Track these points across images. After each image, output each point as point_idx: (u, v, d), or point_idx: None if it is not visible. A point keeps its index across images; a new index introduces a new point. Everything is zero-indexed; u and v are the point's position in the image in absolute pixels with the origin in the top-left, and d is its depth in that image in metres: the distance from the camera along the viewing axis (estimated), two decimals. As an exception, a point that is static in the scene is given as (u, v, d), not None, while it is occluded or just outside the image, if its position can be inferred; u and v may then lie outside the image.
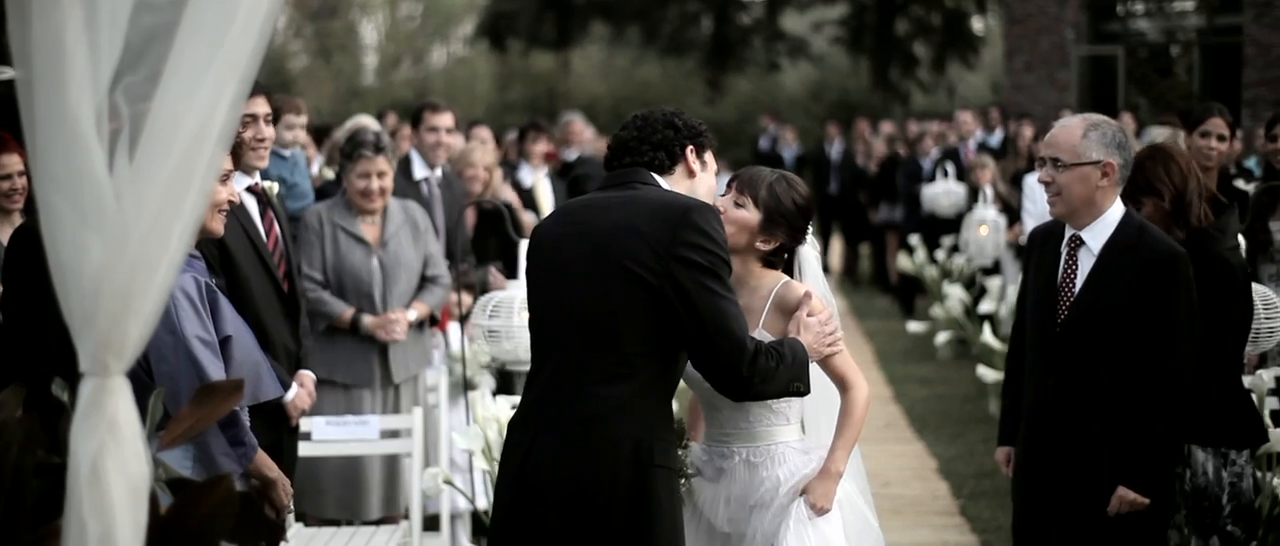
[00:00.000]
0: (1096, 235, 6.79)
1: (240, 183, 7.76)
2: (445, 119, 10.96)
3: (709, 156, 5.76)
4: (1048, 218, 7.14)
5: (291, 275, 7.94)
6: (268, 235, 7.87)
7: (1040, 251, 7.03)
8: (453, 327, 10.03)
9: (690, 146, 5.70)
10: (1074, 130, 6.73)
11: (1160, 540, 7.33)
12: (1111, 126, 6.74)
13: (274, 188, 8.08)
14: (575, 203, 5.66)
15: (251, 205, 7.82)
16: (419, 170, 10.86)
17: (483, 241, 11.58)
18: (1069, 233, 6.85)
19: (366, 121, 11.24)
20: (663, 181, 5.62)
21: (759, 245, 5.99)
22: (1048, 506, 6.91)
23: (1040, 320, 6.86)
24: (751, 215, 5.97)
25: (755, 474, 5.93)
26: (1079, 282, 6.80)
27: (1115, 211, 6.76)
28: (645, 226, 5.26)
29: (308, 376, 7.86)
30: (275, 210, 7.97)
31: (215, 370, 5.52)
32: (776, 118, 30.29)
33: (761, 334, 5.81)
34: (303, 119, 11.16)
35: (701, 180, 5.73)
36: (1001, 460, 7.24)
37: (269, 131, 7.89)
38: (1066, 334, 6.77)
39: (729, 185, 6.12)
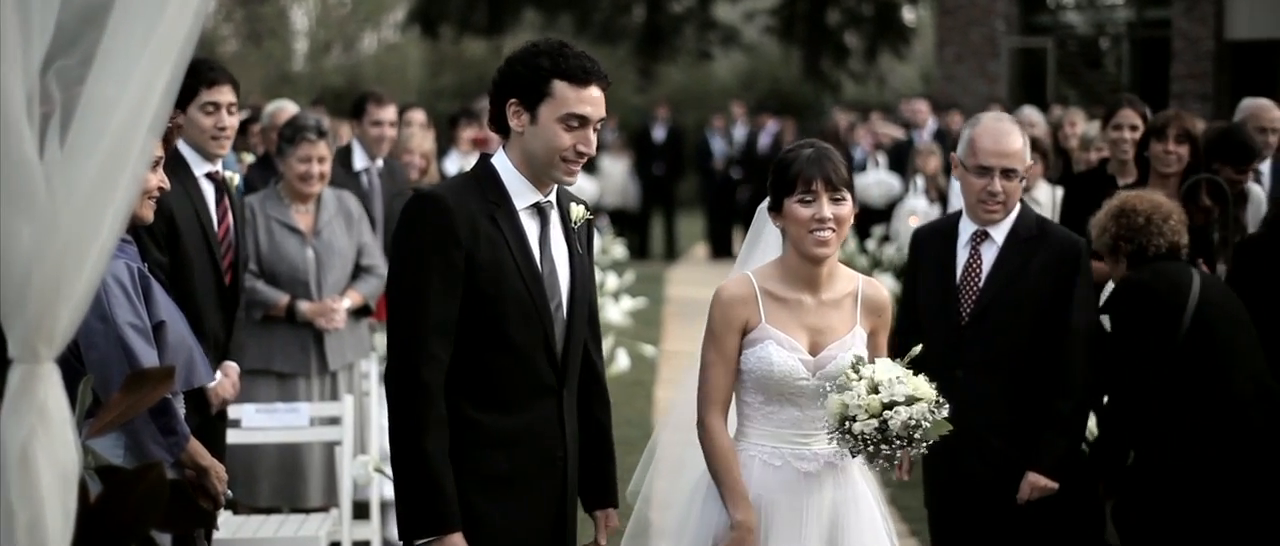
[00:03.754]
0: (1000, 229, 6.93)
1: (200, 167, 7.82)
2: (389, 111, 11.00)
3: (547, 104, 5.10)
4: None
5: (237, 268, 7.91)
6: (219, 224, 7.86)
7: (930, 250, 7.14)
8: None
9: (511, 100, 5.17)
10: (1018, 139, 6.80)
11: (1089, 526, 7.39)
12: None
13: (234, 178, 8.04)
14: None
15: (209, 192, 7.86)
16: (360, 161, 10.83)
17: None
18: (972, 229, 6.96)
19: (288, 106, 11.12)
20: (501, 154, 5.28)
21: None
22: (966, 499, 6.94)
23: (941, 316, 6.95)
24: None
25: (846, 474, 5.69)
26: (984, 275, 6.85)
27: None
28: None
29: (232, 367, 7.81)
30: (232, 201, 7.95)
31: (147, 356, 5.48)
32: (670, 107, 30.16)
33: (858, 335, 5.65)
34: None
35: (533, 135, 5.15)
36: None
37: (232, 121, 7.87)
38: (974, 326, 6.87)
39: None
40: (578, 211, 5.42)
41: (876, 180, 19.89)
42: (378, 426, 9.24)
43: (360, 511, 8.98)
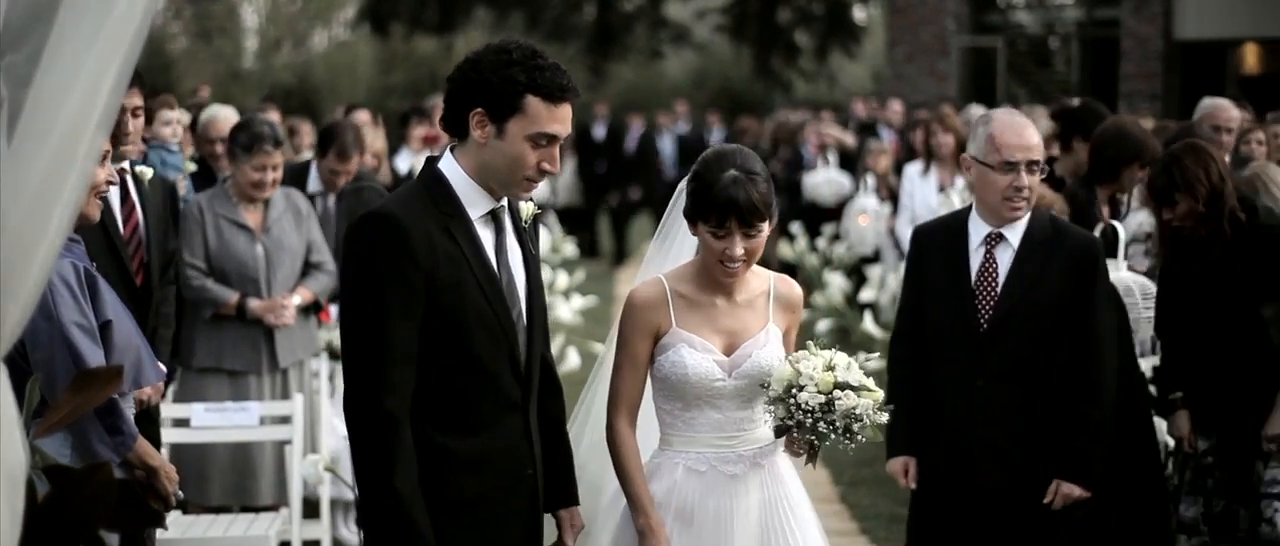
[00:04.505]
0: (1015, 231, 6.75)
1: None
2: (352, 166, 10.45)
3: (518, 120, 4.87)
4: (921, 210, 7.13)
5: (149, 267, 7.84)
6: (126, 223, 7.79)
7: (941, 251, 6.88)
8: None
9: (477, 109, 4.91)
10: (1036, 132, 6.69)
11: (1115, 532, 7.37)
12: None
13: (148, 173, 7.98)
14: None
15: (112, 193, 7.69)
16: (314, 185, 10.48)
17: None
18: (986, 230, 6.77)
19: (222, 113, 10.90)
20: (450, 159, 5.04)
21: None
22: (983, 508, 6.75)
23: (960, 322, 6.72)
24: None
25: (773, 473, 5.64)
26: (1001, 280, 6.73)
27: None
28: None
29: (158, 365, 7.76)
30: (143, 198, 7.87)
31: (93, 356, 5.45)
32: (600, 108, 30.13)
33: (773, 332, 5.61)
34: (177, 113, 10.92)
35: (497, 150, 4.92)
36: (899, 471, 6.91)
37: (137, 123, 7.72)
38: (995, 333, 6.69)
39: None
40: (526, 209, 5.21)
41: (826, 179, 19.90)
42: (328, 424, 9.21)
43: (310, 510, 8.96)
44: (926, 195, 14.39)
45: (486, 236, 5.03)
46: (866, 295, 16.09)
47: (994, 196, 6.67)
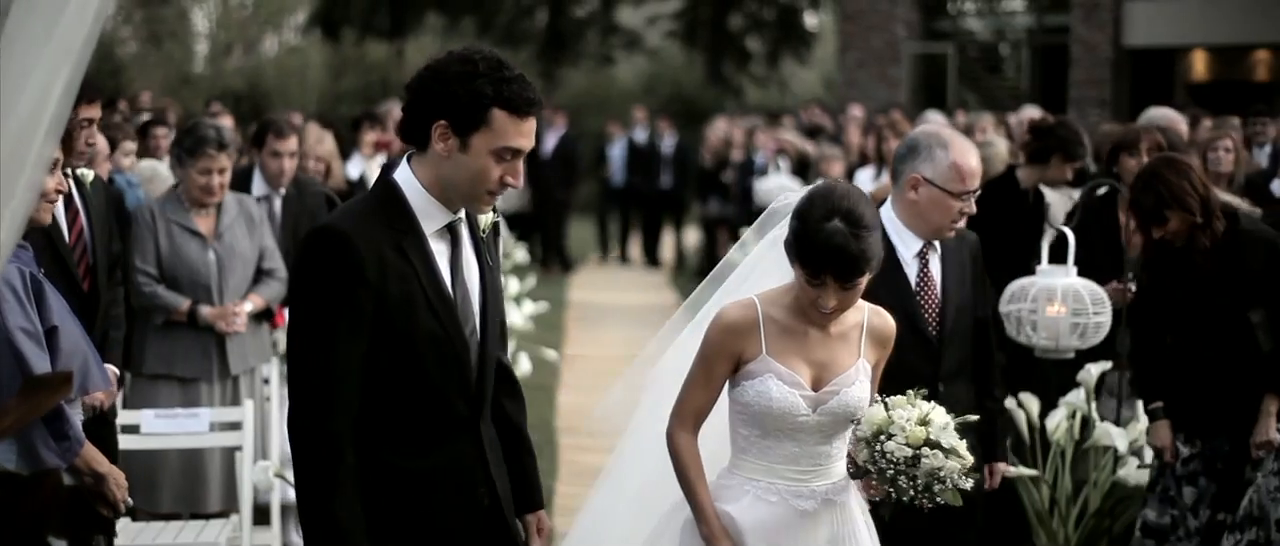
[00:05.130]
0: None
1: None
2: (290, 142, 10.43)
3: (483, 134, 4.71)
4: None
5: (95, 271, 7.79)
6: (70, 228, 7.74)
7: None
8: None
9: (440, 121, 4.74)
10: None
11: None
12: None
13: (88, 175, 7.93)
14: None
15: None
16: (258, 188, 10.42)
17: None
18: (919, 244, 6.86)
19: (161, 172, 10.79)
20: (406, 169, 4.87)
21: None
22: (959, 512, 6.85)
23: (912, 331, 6.70)
24: None
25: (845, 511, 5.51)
26: (939, 287, 6.83)
27: None
28: None
29: (109, 369, 7.72)
30: (87, 202, 7.82)
31: (39, 362, 5.42)
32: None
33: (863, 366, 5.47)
34: (135, 144, 10.81)
35: (459, 164, 4.75)
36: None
37: (98, 138, 7.70)
38: (945, 337, 6.85)
39: None
40: (485, 219, 5.02)
41: (778, 185, 19.94)
42: (279, 430, 9.18)
43: (261, 517, 8.92)
44: (878, 199, 14.47)
45: (441, 250, 4.88)
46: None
47: (942, 218, 6.79)
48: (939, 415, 5.28)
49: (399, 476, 4.82)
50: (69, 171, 7.75)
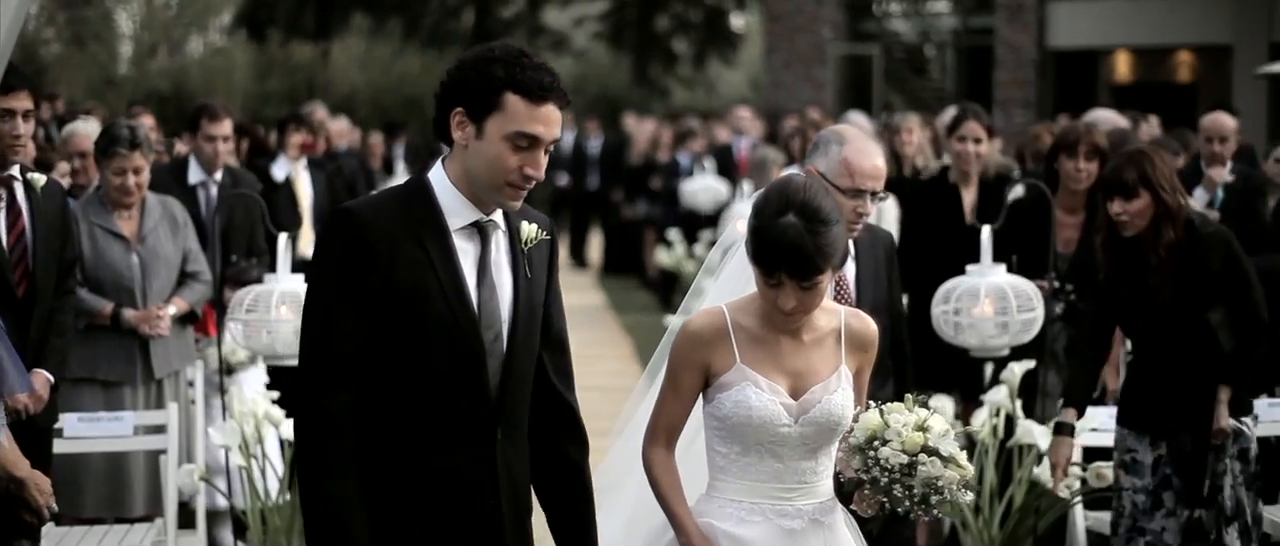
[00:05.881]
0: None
1: None
2: (223, 126, 10.49)
3: (496, 118, 4.57)
4: None
5: (34, 276, 7.72)
6: (10, 230, 7.67)
7: None
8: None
9: (457, 109, 4.63)
10: (883, 158, 6.59)
11: None
12: None
13: (40, 180, 7.86)
14: None
15: None
16: (195, 174, 10.44)
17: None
18: None
19: (81, 129, 10.71)
20: (439, 167, 4.74)
21: None
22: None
23: None
24: None
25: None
26: (853, 289, 6.82)
27: None
28: None
29: (40, 375, 7.68)
30: (33, 206, 7.76)
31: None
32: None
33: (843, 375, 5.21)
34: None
35: (476, 152, 4.62)
36: None
37: (26, 127, 7.59)
38: None
39: None
40: (530, 231, 4.77)
41: (703, 186, 20.05)
42: (203, 434, 9.12)
43: (186, 520, 8.88)
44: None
45: (467, 248, 4.69)
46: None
47: None
48: (938, 422, 5.04)
49: (402, 472, 4.66)
50: (15, 173, 7.69)
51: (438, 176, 4.69)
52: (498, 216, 4.74)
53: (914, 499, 4.98)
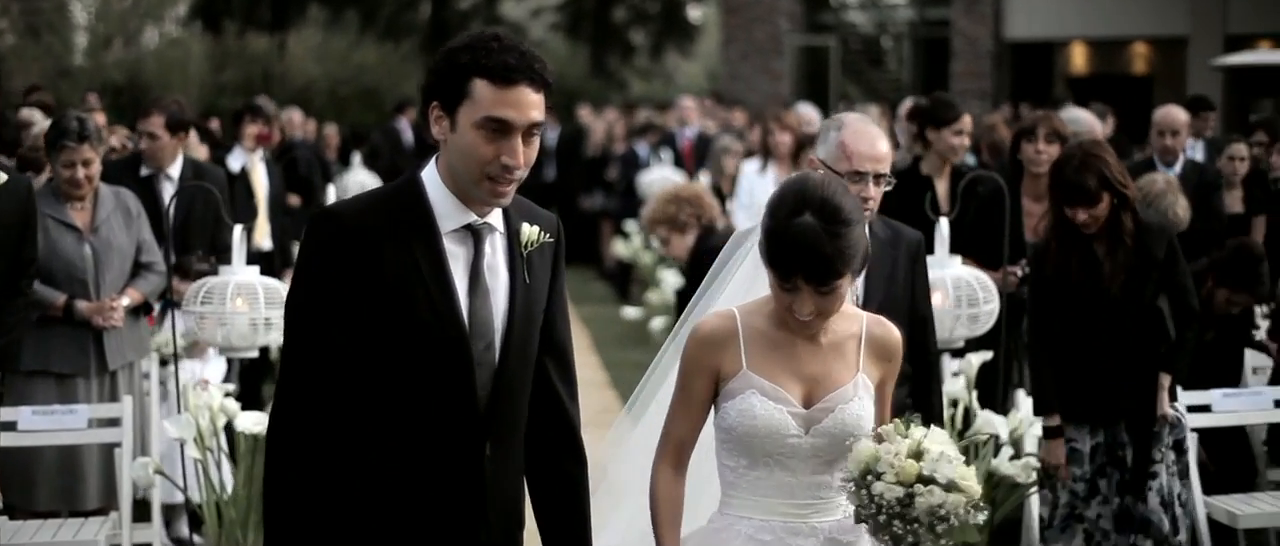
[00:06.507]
0: None
1: None
2: (154, 122, 10.21)
3: (466, 107, 4.29)
4: (756, 210, 7.08)
5: None
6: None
7: None
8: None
9: (433, 104, 4.37)
10: (886, 142, 6.39)
11: None
12: None
13: (1, 177, 7.83)
14: None
15: None
16: (146, 167, 10.34)
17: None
18: None
19: (36, 117, 10.61)
20: (432, 167, 4.48)
21: None
22: None
23: None
24: None
25: None
26: (861, 285, 6.76)
27: None
28: None
29: None
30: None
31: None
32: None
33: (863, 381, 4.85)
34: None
35: (453, 145, 4.35)
36: None
37: None
38: None
39: None
40: (530, 232, 4.50)
41: (660, 177, 20.02)
42: (158, 426, 9.09)
43: (141, 513, 8.84)
44: (765, 190, 14.55)
45: (459, 253, 4.42)
46: (701, 292, 16.22)
47: None
48: (935, 444, 4.60)
49: (387, 484, 4.40)
50: None
51: (429, 175, 4.43)
52: (495, 219, 4.46)
53: (920, 532, 4.53)
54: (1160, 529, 7.79)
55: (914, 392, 6.71)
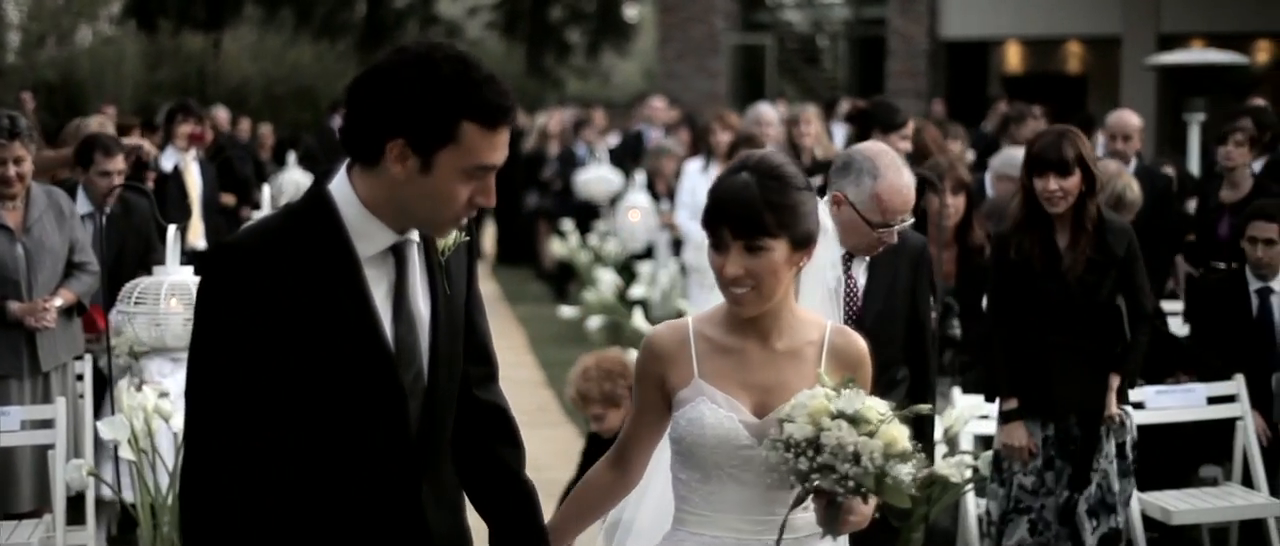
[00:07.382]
0: None
1: None
2: (118, 162, 10.03)
3: (450, 152, 3.78)
4: (699, 209, 7.08)
5: None
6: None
7: None
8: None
9: (395, 140, 3.79)
10: (913, 184, 6.53)
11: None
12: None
13: None
14: None
15: None
16: (83, 205, 10.00)
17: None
18: (840, 250, 6.40)
19: None
20: (345, 181, 3.93)
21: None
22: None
23: None
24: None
25: None
26: (861, 294, 6.78)
27: None
28: None
29: None
30: None
31: None
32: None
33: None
34: None
35: (419, 186, 3.83)
36: None
37: None
38: (870, 342, 6.76)
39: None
40: (448, 238, 4.08)
41: (598, 176, 20.05)
42: (91, 428, 9.03)
43: (75, 516, 8.79)
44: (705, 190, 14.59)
45: (380, 278, 3.95)
46: (637, 291, 16.28)
47: (860, 241, 6.62)
48: (862, 393, 4.28)
49: (319, 533, 3.96)
50: None
51: (343, 194, 3.91)
52: (413, 233, 4.01)
53: (821, 479, 4.14)
54: (1082, 531, 7.85)
55: (912, 392, 6.75)
